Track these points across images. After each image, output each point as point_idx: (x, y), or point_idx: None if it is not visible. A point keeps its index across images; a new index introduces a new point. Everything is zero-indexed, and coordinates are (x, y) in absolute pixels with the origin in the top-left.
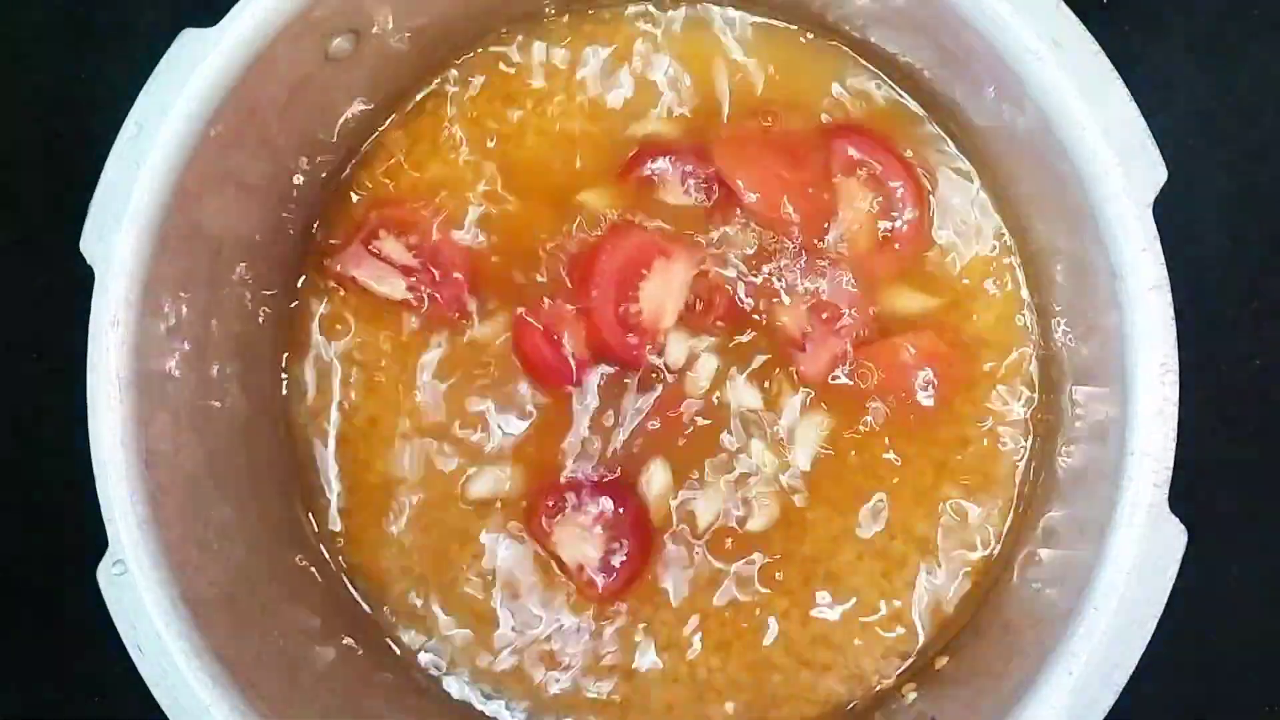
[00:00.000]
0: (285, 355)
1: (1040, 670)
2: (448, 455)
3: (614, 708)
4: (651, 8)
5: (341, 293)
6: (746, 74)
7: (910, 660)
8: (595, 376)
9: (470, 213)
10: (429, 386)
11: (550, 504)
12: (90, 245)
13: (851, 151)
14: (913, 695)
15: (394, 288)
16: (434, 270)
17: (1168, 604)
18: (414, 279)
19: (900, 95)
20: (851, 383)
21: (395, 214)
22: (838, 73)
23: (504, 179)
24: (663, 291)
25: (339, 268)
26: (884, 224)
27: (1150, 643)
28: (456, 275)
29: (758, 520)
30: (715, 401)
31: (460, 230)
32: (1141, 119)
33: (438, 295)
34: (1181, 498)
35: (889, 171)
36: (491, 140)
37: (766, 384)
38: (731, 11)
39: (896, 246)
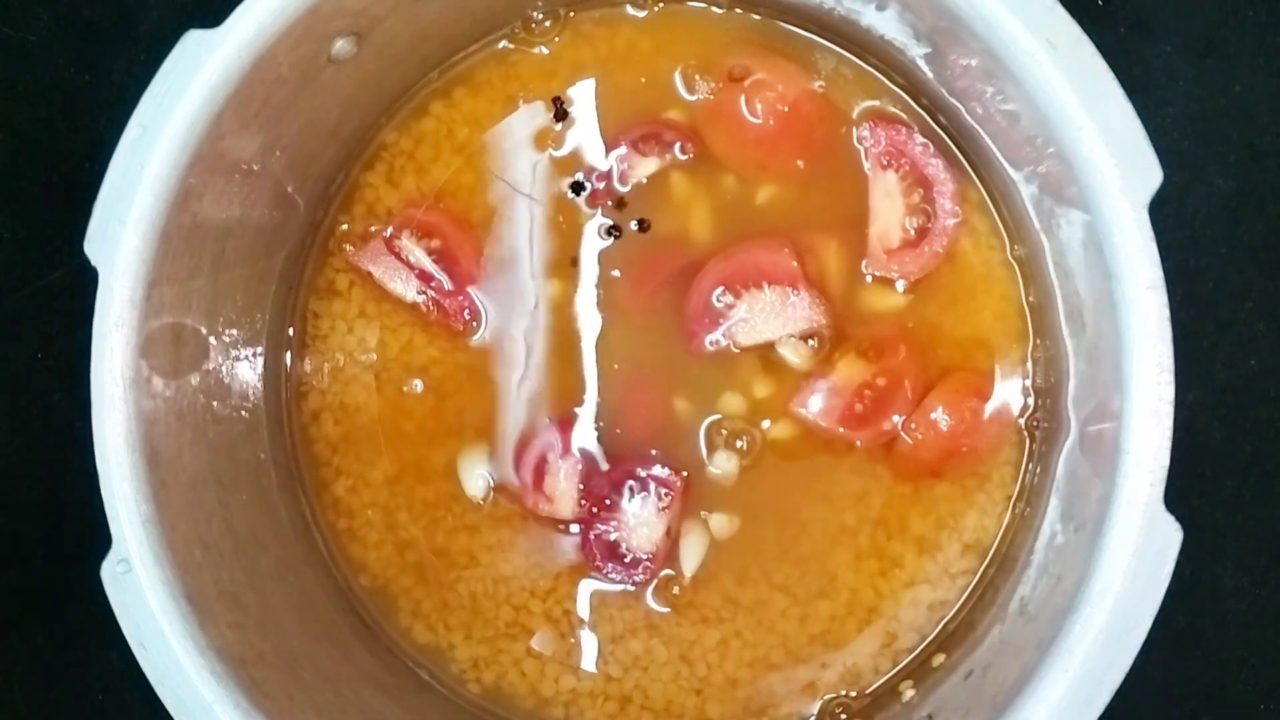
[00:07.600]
0: (289, 353)
1: (1036, 668)
2: (450, 454)
3: (614, 704)
4: (630, 9)
5: (347, 291)
6: (737, 64)
7: (907, 659)
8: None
9: (481, 216)
10: (433, 389)
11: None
12: (94, 246)
13: (885, 142)
14: (910, 693)
15: (408, 288)
16: (448, 277)
17: (1163, 603)
18: (431, 283)
19: (899, 93)
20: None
21: (421, 216)
22: (835, 70)
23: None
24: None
25: (358, 262)
26: (912, 220)
27: (1145, 641)
28: (470, 290)
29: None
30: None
31: (480, 238)
32: (1138, 120)
33: (445, 303)
34: (1177, 497)
35: (930, 167)
36: (493, 141)
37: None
38: (730, 10)
39: (928, 249)
